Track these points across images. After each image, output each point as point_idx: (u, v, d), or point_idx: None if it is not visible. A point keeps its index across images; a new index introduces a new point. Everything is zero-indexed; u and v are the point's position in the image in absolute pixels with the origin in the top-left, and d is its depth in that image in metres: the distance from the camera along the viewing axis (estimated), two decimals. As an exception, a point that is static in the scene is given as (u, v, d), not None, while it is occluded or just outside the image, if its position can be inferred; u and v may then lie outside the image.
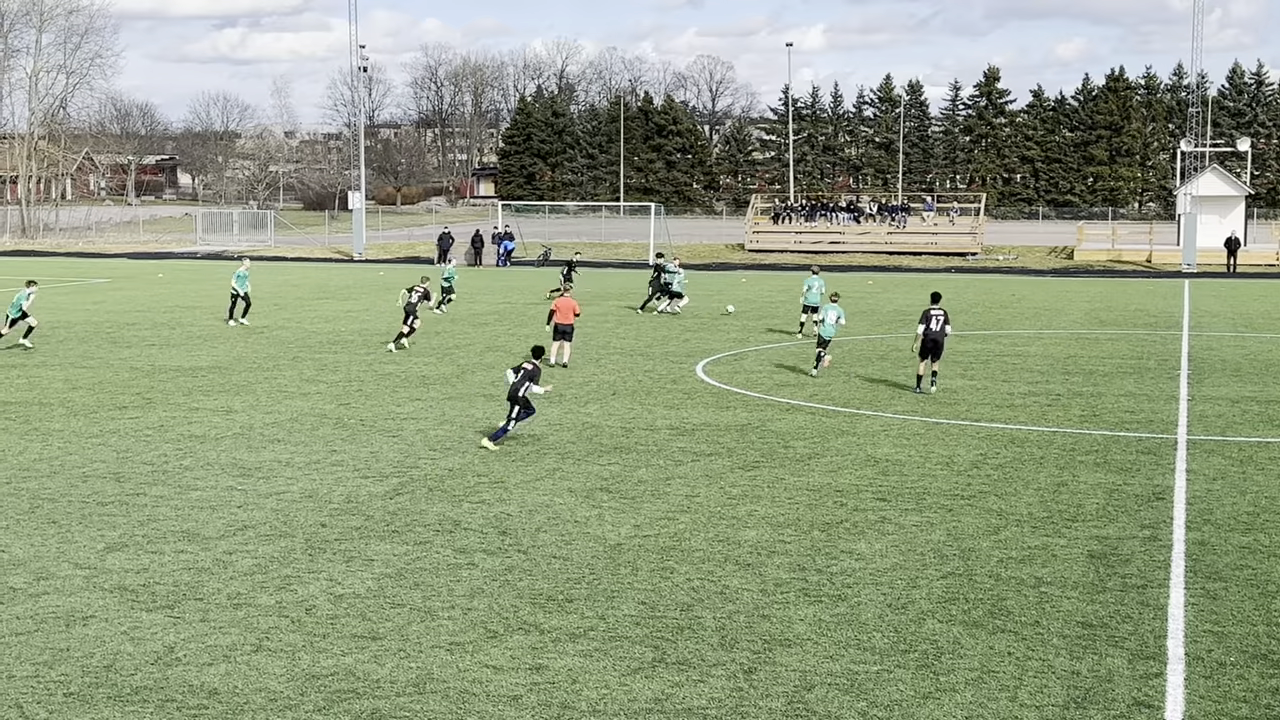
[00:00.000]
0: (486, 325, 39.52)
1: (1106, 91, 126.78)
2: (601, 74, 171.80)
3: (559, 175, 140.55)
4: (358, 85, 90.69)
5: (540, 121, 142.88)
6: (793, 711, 10.53)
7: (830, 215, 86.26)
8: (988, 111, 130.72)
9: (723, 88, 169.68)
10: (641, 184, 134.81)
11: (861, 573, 14.17)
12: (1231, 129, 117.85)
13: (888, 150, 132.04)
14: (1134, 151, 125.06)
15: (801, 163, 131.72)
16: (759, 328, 39.36)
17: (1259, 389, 27.12)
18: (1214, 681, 11.11)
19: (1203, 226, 71.52)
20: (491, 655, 11.73)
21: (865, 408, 24.78)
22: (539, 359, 22.10)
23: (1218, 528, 16.04)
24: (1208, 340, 36.25)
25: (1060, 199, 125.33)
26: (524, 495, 17.71)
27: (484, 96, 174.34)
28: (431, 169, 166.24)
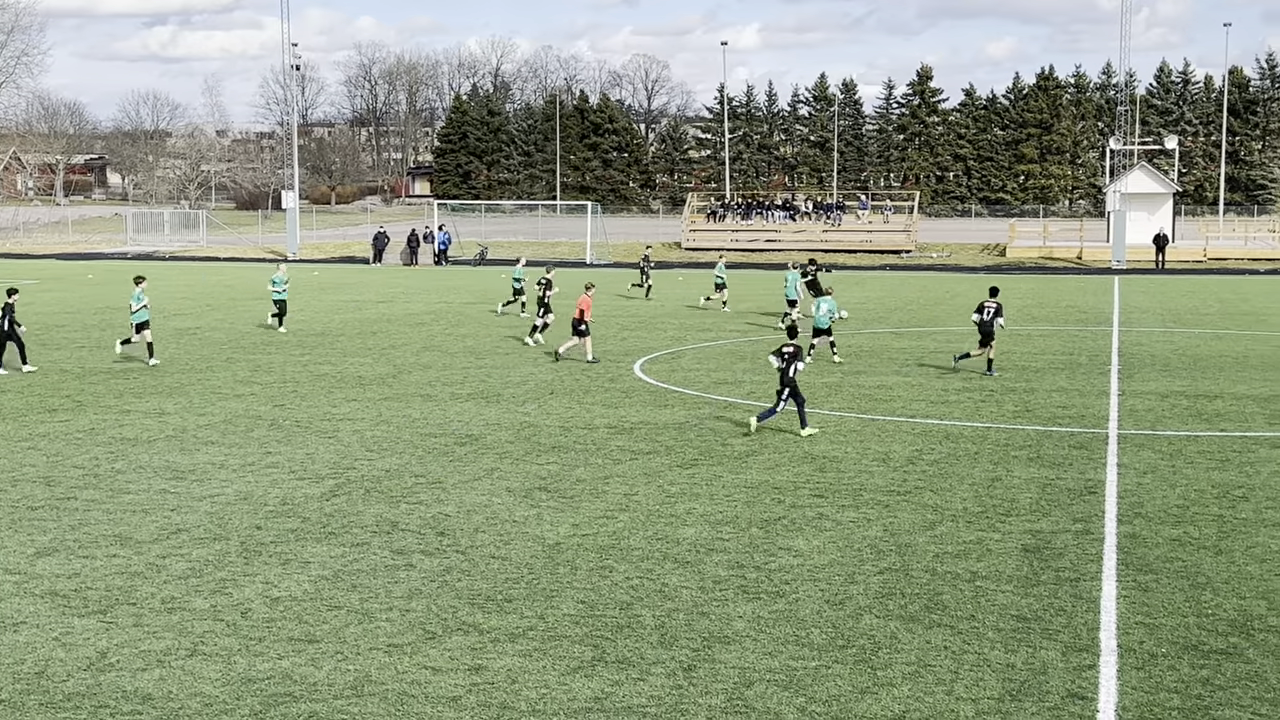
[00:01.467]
0: (423, 325, 39.32)
1: (1037, 90, 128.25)
2: (537, 72, 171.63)
3: (495, 174, 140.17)
4: (290, 84, 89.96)
5: (476, 120, 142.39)
6: (732, 708, 10.57)
7: (766, 213, 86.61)
8: (921, 110, 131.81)
9: (658, 86, 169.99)
10: (578, 183, 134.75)
11: (799, 569, 14.24)
12: (1159, 127, 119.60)
13: (823, 149, 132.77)
14: (1064, 150, 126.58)
15: (737, 161, 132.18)
16: (696, 326, 39.45)
17: (1187, 384, 27.55)
18: (1145, 673, 11.27)
19: (1132, 224, 72.56)
20: (430, 656, 11.68)
21: (802, 405, 24.88)
22: (795, 338, 22.48)
23: (1148, 521, 16.27)
24: (1137, 336, 36.77)
25: (992, 197, 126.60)
26: (462, 495, 17.64)
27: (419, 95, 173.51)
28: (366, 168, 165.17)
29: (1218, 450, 20.58)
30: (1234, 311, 44.60)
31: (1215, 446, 20.89)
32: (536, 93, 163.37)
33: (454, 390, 26.71)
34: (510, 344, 34.65)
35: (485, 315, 42.57)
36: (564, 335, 32.21)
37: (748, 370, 29.64)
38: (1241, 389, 26.79)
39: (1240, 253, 74.91)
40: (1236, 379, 28.21)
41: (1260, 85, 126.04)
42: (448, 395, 26.10)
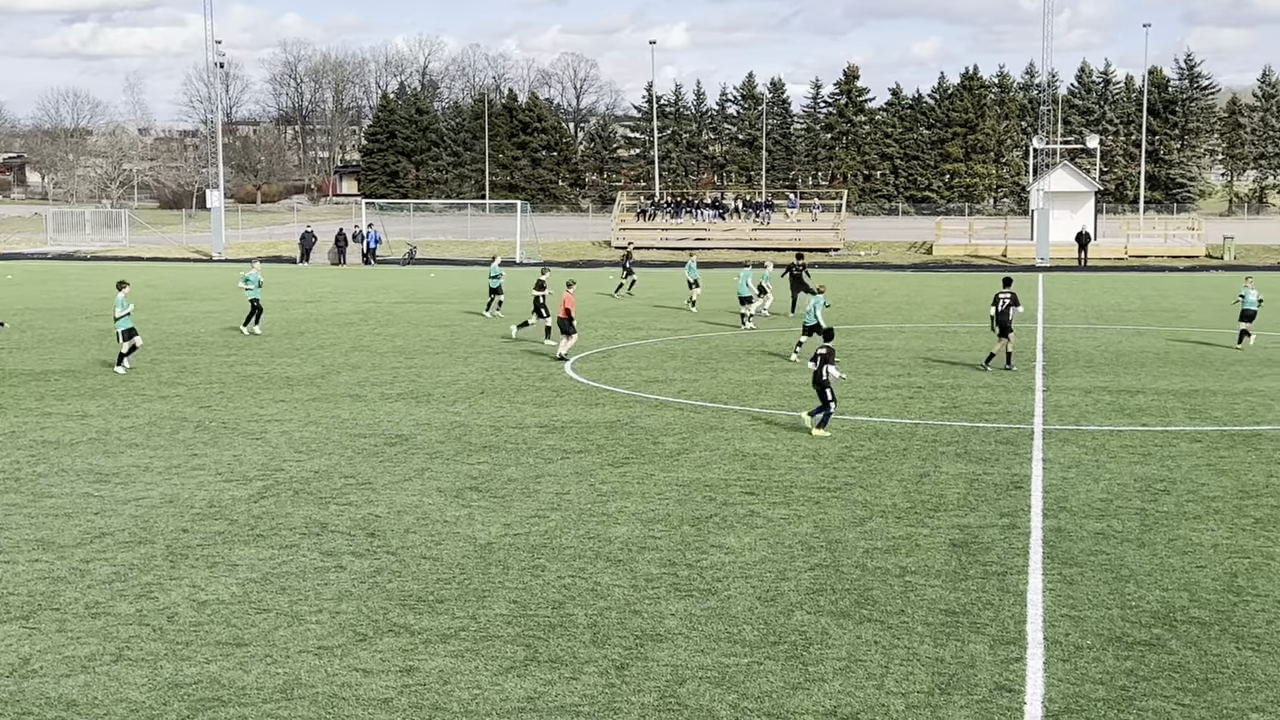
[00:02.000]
0: (351, 325, 39.03)
1: (961, 90, 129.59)
2: (465, 71, 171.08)
3: (423, 173, 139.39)
4: (214, 81, 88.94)
5: (403, 119, 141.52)
6: (665, 706, 10.59)
7: (696, 212, 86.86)
8: (848, 109, 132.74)
9: (587, 85, 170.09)
10: (507, 181, 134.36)
11: (731, 566, 14.29)
12: (1081, 127, 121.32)
13: (751, 147, 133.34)
14: (989, 149, 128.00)
15: (666, 160, 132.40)
16: (627, 325, 39.48)
17: (1110, 379, 27.96)
18: (1071, 665, 11.42)
19: (1055, 222, 73.59)
20: (361, 658, 11.60)
21: (733, 402, 25.01)
22: (830, 341, 22.55)
23: (1073, 515, 16.49)
24: (1061, 333, 37.26)
25: (919, 195, 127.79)
26: (392, 496, 17.53)
27: (345, 93, 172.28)
28: (292, 166, 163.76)
29: (1140, 445, 20.91)
30: (1154, 308, 45.36)
31: (1137, 441, 21.23)
32: (465, 91, 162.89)
33: (383, 390, 26.54)
34: (438, 344, 34.50)
35: (414, 315, 42.34)
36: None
37: (678, 369, 29.72)
38: (1162, 384, 27.24)
39: (1160, 250, 76.20)
40: (1157, 374, 28.68)
41: (1179, 85, 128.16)
42: (377, 395, 25.92)
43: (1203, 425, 22.59)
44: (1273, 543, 15.15)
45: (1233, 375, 28.47)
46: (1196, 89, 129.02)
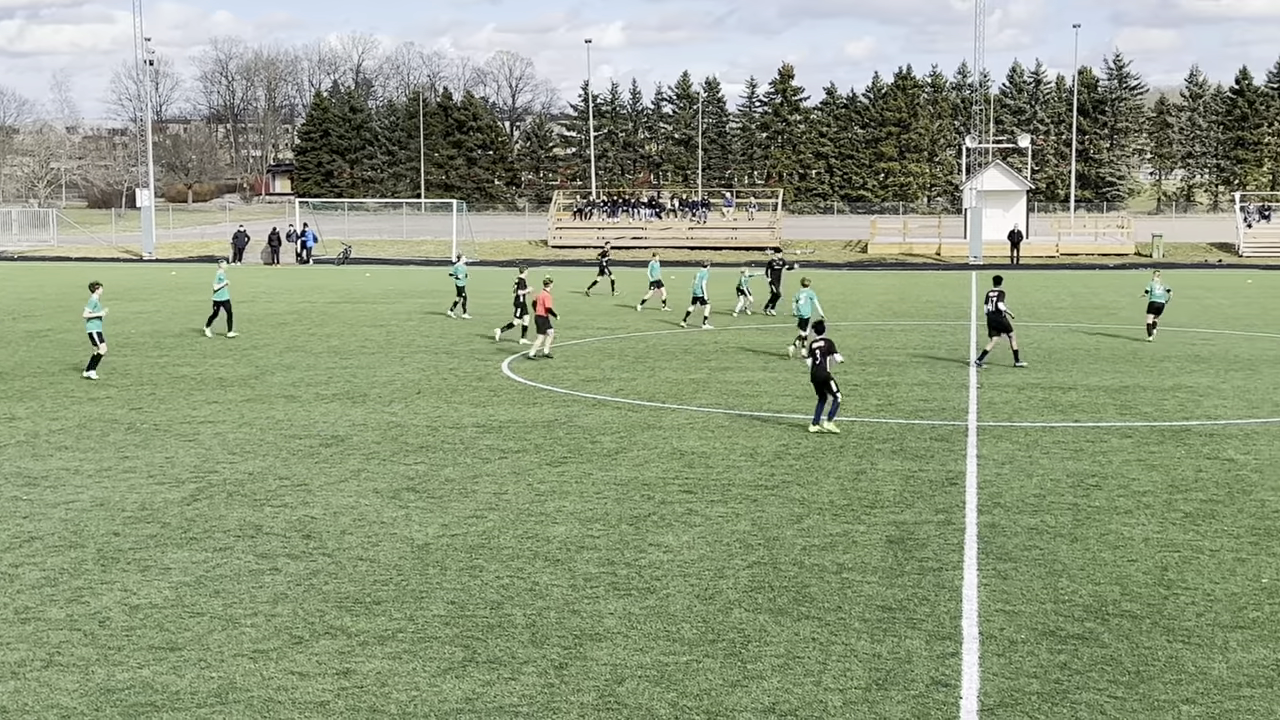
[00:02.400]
0: (286, 325, 38.69)
1: (895, 90, 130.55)
2: (400, 69, 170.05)
3: (358, 172, 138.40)
4: (144, 79, 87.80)
5: (337, 117, 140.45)
6: (604, 705, 10.58)
7: (632, 211, 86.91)
8: (783, 109, 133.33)
9: (523, 84, 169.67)
10: (442, 180, 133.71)
11: (670, 565, 14.31)
12: (1013, 126, 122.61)
13: (687, 146, 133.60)
14: (922, 148, 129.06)
15: (603, 159, 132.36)
16: (564, 324, 39.40)
17: (1042, 376, 28.28)
18: (1006, 659, 11.54)
19: (988, 220, 74.37)
20: (297, 661, 11.49)
21: (671, 401, 25.04)
22: (822, 334, 22.33)
23: (1007, 510, 16.66)
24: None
25: (854, 194, 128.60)
26: (328, 497, 17.40)
27: (278, 91, 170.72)
28: (224, 165, 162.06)
29: (1072, 440, 21.17)
30: (1085, 305, 45.93)
31: (1069, 437, 21.49)
32: (399, 90, 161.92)
33: (319, 391, 26.33)
34: (374, 344, 34.28)
35: (350, 314, 42.04)
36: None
37: (616, 368, 29.72)
38: (1094, 380, 27.59)
39: (1091, 248, 77.24)
40: (1089, 371, 29.04)
41: (1108, 85, 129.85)
42: (312, 396, 25.71)
43: (1133, 421, 22.90)
44: (1202, 536, 15.39)
45: (1162, 372, 28.89)
46: (1125, 89, 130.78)
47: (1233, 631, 12.15)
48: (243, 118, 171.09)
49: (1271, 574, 13.90)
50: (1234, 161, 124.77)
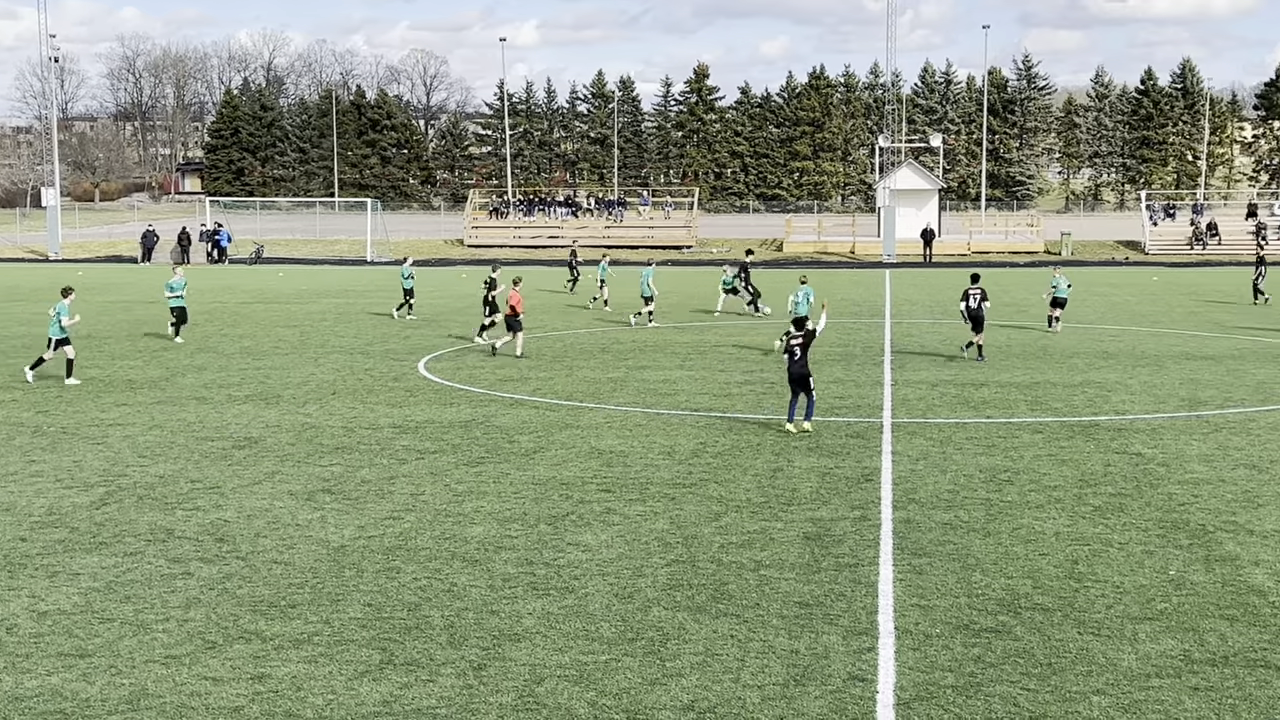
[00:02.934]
0: (197, 326, 38.12)
1: (809, 89, 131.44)
2: (312, 67, 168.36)
3: (270, 170, 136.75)
4: (49, 76, 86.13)
5: (248, 115, 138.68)
6: (523, 705, 10.55)
7: (548, 210, 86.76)
8: (698, 108, 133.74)
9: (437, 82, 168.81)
10: (356, 179, 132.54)
11: (588, 564, 14.30)
12: (925, 126, 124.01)
13: (603, 145, 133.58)
14: (836, 147, 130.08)
15: (518, 158, 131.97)
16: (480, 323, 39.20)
17: (955, 373, 28.63)
18: (921, 653, 11.66)
19: (901, 219, 75.17)
20: (210, 666, 11.33)
21: (589, 400, 25.03)
22: (802, 329, 22.08)
23: (922, 506, 16.85)
24: (908, 327, 38.05)
25: (769, 193, 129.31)
26: (241, 500, 17.17)
27: (187, 89, 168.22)
28: (133, 164, 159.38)
29: (984, 436, 21.45)
30: (996, 303, 46.47)
31: (982, 433, 21.77)
32: (311, 87, 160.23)
33: (231, 392, 25.99)
34: (287, 344, 33.90)
35: (262, 315, 41.54)
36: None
37: (533, 367, 29.64)
38: (1005, 377, 27.98)
39: (1002, 246, 78.32)
40: (1000, 368, 29.45)
41: (1017, 86, 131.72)
42: (224, 398, 25.37)
43: (1044, 417, 23.25)
44: (1111, 530, 15.67)
45: (1071, 368, 29.37)
46: (1034, 89, 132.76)
47: (1141, 623, 12.38)
48: (151, 115, 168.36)
49: (1178, 566, 14.19)
50: (1139, 161, 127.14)
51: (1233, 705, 10.48)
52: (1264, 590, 13.30)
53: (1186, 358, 30.93)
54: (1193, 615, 12.57)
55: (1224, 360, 30.46)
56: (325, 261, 72.82)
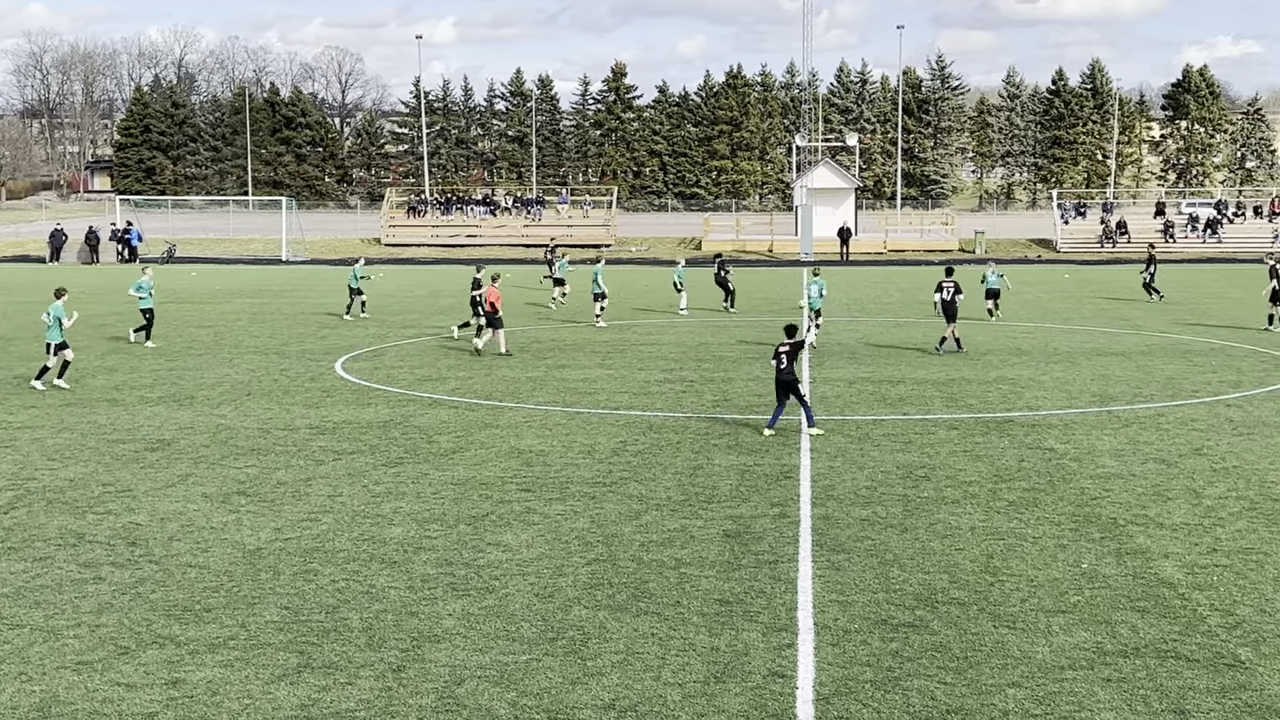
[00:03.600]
0: (107, 326, 37.50)
1: (726, 88, 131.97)
2: (224, 64, 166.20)
3: (181, 169, 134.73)
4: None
5: (159, 112, 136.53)
6: (443, 707, 10.48)
7: (466, 208, 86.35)
8: (616, 106, 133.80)
9: (352, 80, 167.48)
10: (270, 178, 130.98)
11: (509, 564, 14.25)
12: (841, 125, 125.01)
13: (521, 144, 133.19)
14: (753, 146, 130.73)
15: (435, 156, 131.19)
16: (399, 323, 38.98)
17: (872, 370, 28.89)
18: (840, 648, 11.75)
19: (818, 217, 75.73)
20: (123, 672, 11.15)
21: (508, 400, 24.94)
22: (793, 337, 21.71)
23: (840, 502, 16.98)
24: (825, 325, 38.30)
25: (687, 192, 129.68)
26: (154, 503, 16.91)
27: (96, 86, 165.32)
28: (40, 161, 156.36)
29: (901, 433, 21.66)
30: (912, 300, 47.06)
31: (899, 429, 21.99)
32: (224, 85, 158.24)
33: (143, 394, 25.58)
34: (201, 345, 33.44)
35: (175, 315, 40.94)
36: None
37: (452, 367, 29.49)
38: (921, 374, 28.28)
39: (917, 244, 79.20)
40: (916, 365, 29.76)
41: (931, 86, 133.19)
42: (136, 399, 24.97)
43: (959, 413, 23.54)
44: (1025, 524, 15.89)
45: (985, 364, 29.75)
46: (947, 89, 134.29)
47: (1055, 616, 12.57)
48: (59, 112, 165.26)
49: (1091, 560, 14.43)
50: (1051, 160, 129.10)
51: (1144, 696, 10.68)
52: (1173, 582, 13.56)
53: (1097, 354, 31.46)
54: (1105, 608, 12.79)
55: (1134, 356, 31.03)
56: (239, 261, 71.93)
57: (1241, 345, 32.95)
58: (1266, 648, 11.68)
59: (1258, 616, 12.50)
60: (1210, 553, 14.60)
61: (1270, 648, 11.68)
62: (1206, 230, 77.64)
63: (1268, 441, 20.73)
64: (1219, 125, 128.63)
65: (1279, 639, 11.90)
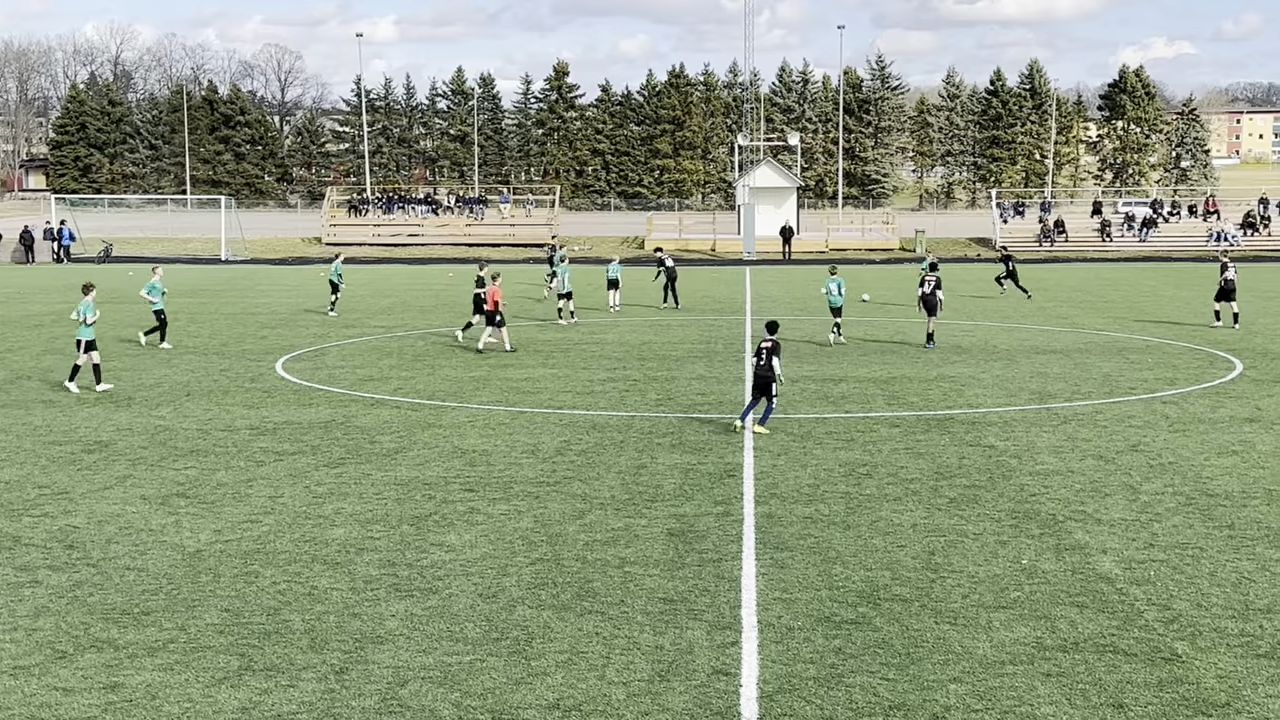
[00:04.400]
0: (43, 327, 36.99)
1: (669, 87, 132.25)
2: (161, 61, 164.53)
3: (119, 167, 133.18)
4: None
5: (95, 110, 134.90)
6: (386, 709, 10.43)
7: (408, 207, 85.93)
8: (559, 106, 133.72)
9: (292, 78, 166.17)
10: (209, 176, 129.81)
11: (452, 564, 14.20)
12: (783, 124, 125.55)
13: (463, 143, 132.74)
14: (696, 145, 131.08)
15: (377, 155, 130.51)
16: (340, 323, 38.74)
17: (815, 369, 29.03)
18: (784, 646, 11.80)
19: (760, 216, 76.01)
20: (61, 677, 11.00)
21: (451, 399, 24.85)
22: (775, 333, 21.67)
23: (783, 500, 17.05)
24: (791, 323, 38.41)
25: (630, 191, 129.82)
26: (92, 505, 16.70)
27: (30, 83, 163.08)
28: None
29: (843, 431, 21.79)
30: (853, 299, 47.28)
31: (841, 427, 22.11)
32: (161, 82, 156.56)
33: (80, 395, 25.25)
34: (139, 345, 33.06)
35: (112, 315, 40.43)
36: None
37: (394, 366, 29.34)
38: (863, 372, 28.45)
39: (858, 243, 79.66)
40: (858, 363, 29.94)
41: (872, 85, 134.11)
42: (73, 400, 24.65)
43: (900, 411, 23.70)
44: (966, 521, 16.03)
45: (926, 363, 29.98)
46: (888, 89, 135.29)
47: (996, 611, 12.69)
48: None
49: (1030, 555, 14.57)
50: (990, 159, 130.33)
51: (1083, 690, 10.80)
52: (1111, 577, 13.73)
53: (1036, 352, 31.79)
54: (1044, 603, 12.92)
55: (1071, 354, 31.37)
56: (178, 260, 71.17)
57: (1177, 343, 33.41)
58: (1203, 641, 11.86)
59: (1194, 610, 12.68)
60: (1147, 548, 14.79)
61: (1206, 641, 11.86)
62: (1143, 229, 78.64)
63: (1203, 438, 21.04)
64: (1154, 125, 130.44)
65: (1215, 633, 12.08)
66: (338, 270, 41.20)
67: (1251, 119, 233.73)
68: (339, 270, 41.23)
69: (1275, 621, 12.37)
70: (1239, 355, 30.81)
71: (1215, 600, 12.97)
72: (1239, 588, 13.36)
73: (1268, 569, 13.99)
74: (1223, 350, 31.75)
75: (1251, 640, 11.88)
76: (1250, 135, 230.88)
